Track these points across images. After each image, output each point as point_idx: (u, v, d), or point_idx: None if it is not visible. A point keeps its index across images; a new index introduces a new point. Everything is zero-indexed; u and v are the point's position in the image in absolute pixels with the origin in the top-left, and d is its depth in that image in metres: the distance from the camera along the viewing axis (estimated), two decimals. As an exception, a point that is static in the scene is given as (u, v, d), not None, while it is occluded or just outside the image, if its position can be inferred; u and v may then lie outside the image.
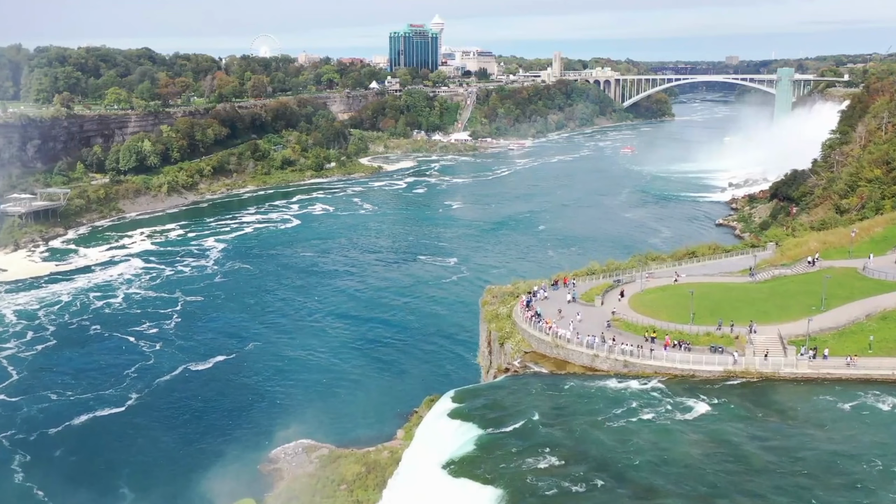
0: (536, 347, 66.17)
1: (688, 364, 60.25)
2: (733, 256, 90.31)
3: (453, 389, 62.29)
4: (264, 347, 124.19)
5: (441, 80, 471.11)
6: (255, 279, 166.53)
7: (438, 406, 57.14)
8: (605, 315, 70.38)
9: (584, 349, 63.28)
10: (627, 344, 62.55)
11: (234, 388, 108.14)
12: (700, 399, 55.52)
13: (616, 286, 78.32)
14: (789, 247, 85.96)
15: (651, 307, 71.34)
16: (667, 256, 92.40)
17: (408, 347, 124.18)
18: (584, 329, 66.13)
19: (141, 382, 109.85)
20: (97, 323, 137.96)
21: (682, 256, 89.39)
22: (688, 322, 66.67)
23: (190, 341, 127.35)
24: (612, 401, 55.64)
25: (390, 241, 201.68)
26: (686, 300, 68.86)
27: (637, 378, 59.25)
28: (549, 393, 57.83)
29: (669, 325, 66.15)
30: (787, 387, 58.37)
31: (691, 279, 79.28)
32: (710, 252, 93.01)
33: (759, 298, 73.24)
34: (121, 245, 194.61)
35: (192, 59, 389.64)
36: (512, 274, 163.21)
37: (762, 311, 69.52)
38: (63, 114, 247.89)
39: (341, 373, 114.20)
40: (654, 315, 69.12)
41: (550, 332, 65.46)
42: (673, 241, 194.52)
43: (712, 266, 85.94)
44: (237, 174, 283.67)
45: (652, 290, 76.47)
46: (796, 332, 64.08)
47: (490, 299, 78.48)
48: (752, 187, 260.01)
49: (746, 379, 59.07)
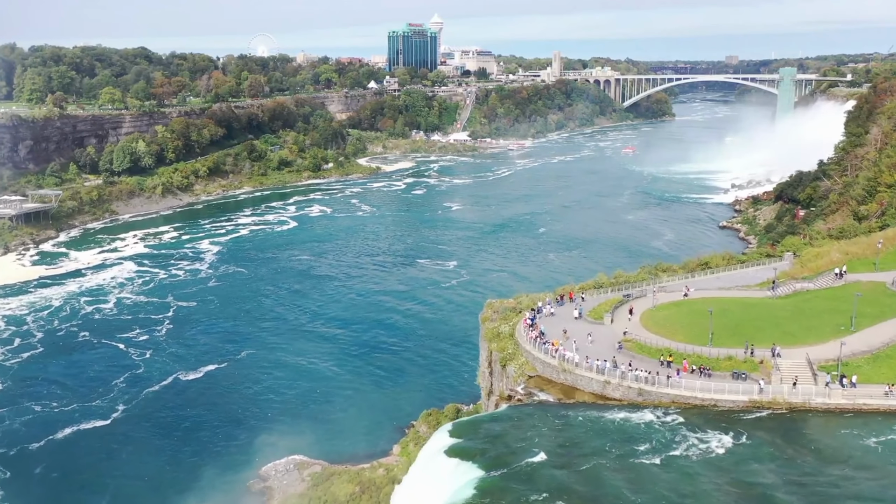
0: (542, 371, 61.17)
1: (709, 393, 55.02)
2: (749, 267, 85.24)
3: (451, 423, 57.33)
4: (257, 355, 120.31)
5: (440, 80, 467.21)
6: (250, 283, 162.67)
7: (435, 441, 52.33)
8: (615, 335, 65.41)
9: (594, 375, 58.18)
10: (641, 369, 57.53)
11: (225, 399, 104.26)
12: (724, 434, 50.44)
13: (626, 301, 73.34)
14: (809, 258, 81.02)
15: (665, 326, 66.40)
16: (678, 267, 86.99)
17: (406, 356, 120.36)
18: (593, 351, 61.30)
19: (129, 393, 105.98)
20: (86, 329, 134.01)
21: (695, 268, 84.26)
22: (706, 343, 61.68)
23: (181, 349, 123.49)
24: (627, 437, 50.62)
25: (388, 244, 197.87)
26: (703, 318, 64.07)
27: (653, 408, 54.03)
28: (557, 426, 52.68)
29: (687, 346, 61.07)
30: (819, 420, 52.97)
31: (706, 293, 74.43)
32: (724, 263, 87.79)
33: (783, 317, 67.89)
34: (113, 248, 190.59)
35: (189, 58, 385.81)
36: (513, 279, 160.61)
37: (787, 331, 64.42)
38: (56, 114, 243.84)
39: (336, 382, 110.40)
40: (669, 335, 64.17)
41: (557, 354, 60.65)
42: (676, 244, 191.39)
43: (727, 278, 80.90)
44: (233, 175, 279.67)
45: (665, 307, 71.43)
46: (826, 355, 58.85)
47: (491, 315, 73.32)
48: (755, 189, 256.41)
49: (773, 410, 53.55)
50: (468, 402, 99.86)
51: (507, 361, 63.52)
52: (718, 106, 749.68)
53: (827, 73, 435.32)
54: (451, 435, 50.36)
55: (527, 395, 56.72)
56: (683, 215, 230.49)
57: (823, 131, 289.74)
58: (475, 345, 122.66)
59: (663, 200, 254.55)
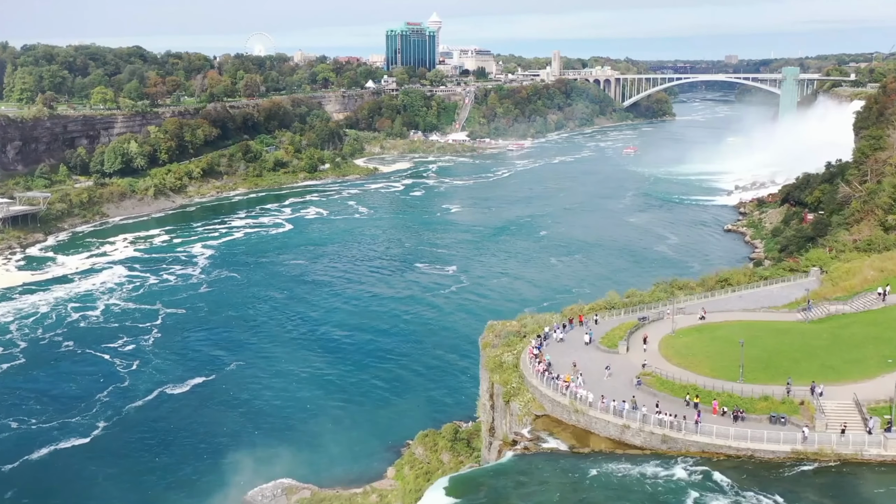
0: (550, 411, 53.95)
1: (745, 441, 47.67)
2: (773, 285, 77.87)
3: (447, 477, 50.06)
4: (246, 367, 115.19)
5: (438, 80, 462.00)
6: (242, 289, 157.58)
7: (429, 500, 46.50)
8: (632, 367, 58.10)
9: (610, 417, 51.01)
10: (666, 413, 50.24)
11: (211, 416, 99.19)
12: (766, 494, 43.29)
13: (642, 325, 66.31)
14: (840, 274, 73.58)
15: (688, 356, 59.10)
16: (696, 284, 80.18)
17: (402, 367, 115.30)
18: (608, 387, 54.38)
19: (111, 408, 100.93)
20: (71, 338, 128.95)
21: (714, 285, 77.26)
22: (737, 379, 54.42)
23: (168, 360, 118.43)
24: (652, 498, 43.68)
25: (386, 248, 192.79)
26: (730, 346, 57.32)
27: (680, 458, 47.07)
28: (570, 484, 45.63)
29: (715, 383, 53.88)
30: (876, 475, 45.36)
31: (729, 315, 67.50)
32: (746, 279, 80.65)
33: (820, 346, 60.06)
34: (102, 252, 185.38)
35: (185, 57, 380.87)
36: (514, 285, 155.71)
37: (827, 364, 56.78)
38: (45, 114, 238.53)
39: (328, 396, 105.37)
40: (693, 367, 57.11)
41: (568, 391, 53.59)
42: (681, 248, 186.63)
43: (751, 297, 73.70)
44: (227, 176, 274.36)
45: (685, 332, 64.24)
46: (876, 395, 50.96)
47: (492, 339, 66.41)
48: (759, 190, 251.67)
49: (820, 462, 46.37)
50: (467, 418, 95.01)
51: (511, 397, 56.79)
52: (719, 105, 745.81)
53: (830, 73, 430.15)
54: (447, 493, 43.82)
55: (534, 440, 49.91)
56: (687, 218, 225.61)
57: (828, 132, 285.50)
58: (474, 356, 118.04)
59: (666, 202, 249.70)
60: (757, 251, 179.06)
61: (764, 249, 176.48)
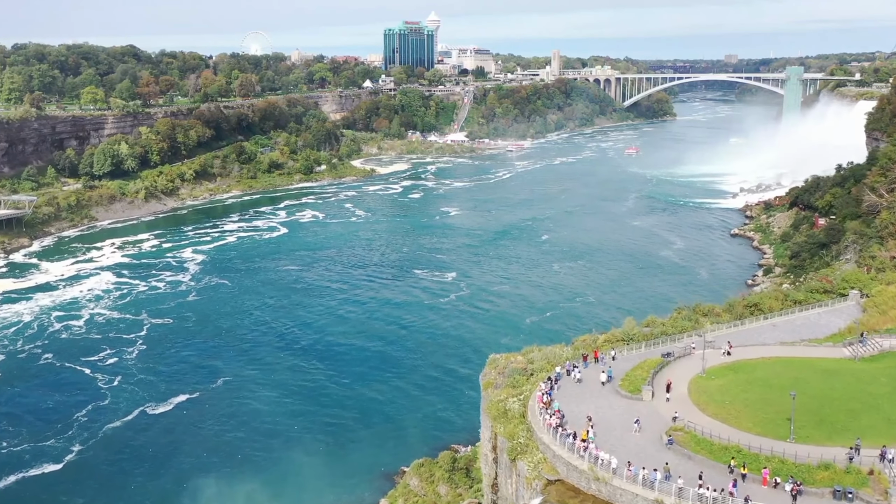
0: (566, 475, 46.09)
1: None
2: (810, 311, 69.51)
3: None
4: (234, 384, 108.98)
5: (437, 79, 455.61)
6: (233, 298, 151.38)
7: None
8: (659, 418, 49.34)
9: (639, 489, 42.92)
10: (708, 487, 41.87)
11: (193, 438, 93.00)
12: None
13: (667, 362, 57.86)
14: (886, 299, 65.03)
15: (724, 404, 50.51)
16: (722, 310, 71.45)
17: (398, 385, 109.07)
18: (632, 446, 46.23)
19: (88, 430, 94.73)
20: (51, 351, 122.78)
21: (743, 311, 69.22)
22: (786, 437, 46.43)
23: (151, 375, 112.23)
24: None
25: (383, 253, 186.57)
26: (771, 391, 49.49)
27: None
28: None
29: (762, 442, 45.46)
30: None
31: (765, 350, 58.56)
32: (778, 305, 71.55)
33: (880, 394, 51.24)
34: (88, 258, 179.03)
35: (179, 56, 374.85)
36: (516, 293, 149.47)
37: (892, 418, 48.11)
38: (33, 114, 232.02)
39: (319, 417, 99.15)
40: (732, 420, 48.99)
41: (586, 453, 45.77)
42: (687, 253, 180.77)
43: (785, 327, 64.89)
44: (221, 178, 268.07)
45: (718, 372, 55.74)
46: None
47: (494, 378, 57.90)
48: (765, 193, 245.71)
49: None
50: (466, 441, 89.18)
51: (519, 455, 48.81)
52: (719, 105, 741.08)
53: (834, 72, 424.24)
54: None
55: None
56: (692, 221, 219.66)
57: (835, 133, 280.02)
58: (474, 369, 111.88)
59: (670, 205, 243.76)
60: (766, 257, 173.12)
61: (773, 255, 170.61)
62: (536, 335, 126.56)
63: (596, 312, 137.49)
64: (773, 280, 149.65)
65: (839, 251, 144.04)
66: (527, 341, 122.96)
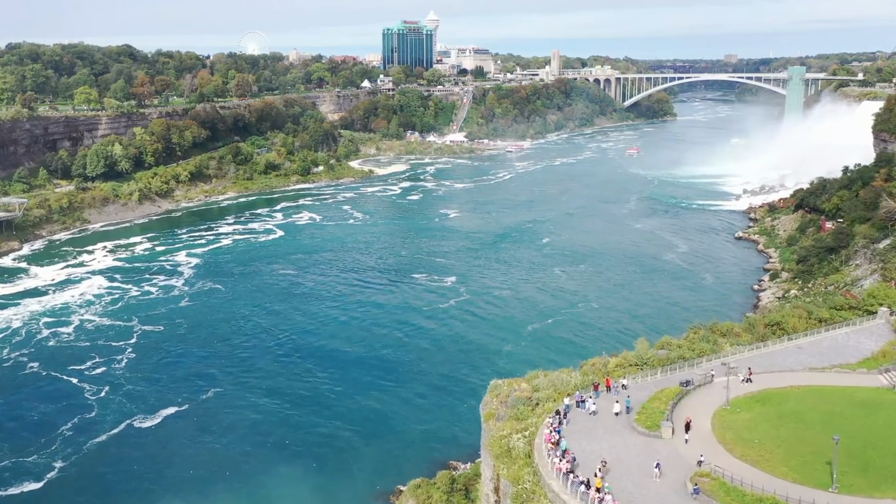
0: None
1: None
2: (837, 330, 63.87)
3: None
4: (224, 395, 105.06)
5: (436, 79, 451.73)
6: (226, 304, 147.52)
7: None
8: (680, 459, 44.40)
9: None
10: None
11: (181, 454, 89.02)
12: None
13: (686, 392, 52.35)
14: None
15: (753, 444, 45.49)
16: (741, 329, 66.24)
17: (396, 396, 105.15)
18: (652, 495, 41.58)
19: (72, 445, 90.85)
20: (38, 359, 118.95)
21: (764, 331, 64.01)
22: (828, 486, 41.55)
23: (139, 386, 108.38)
24: None
25: (382, 257, 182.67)
26: (805, 427, 44.37)
27: None
28: None
29: (801, 492, 40.42)
30: None
31: (792, 377, 52.65)
32: (801, 324, 65.76)
33: None
34: (79, 262, 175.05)
35: (176, 56, 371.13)
36: (517, 299, 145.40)
37: None
38: (24, 115, 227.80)
39: (313, 431, 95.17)
40: (763, 462, 43.97)
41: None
42: (691, 257, 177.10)
43: (812, 349, 59.18)
44: (217, 179, 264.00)
45: (743, 404, 50.20)
46: None
47: (496, 407, 52.45)
48: (769, 195, 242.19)
49: None
50: (465, 457, 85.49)
51: (525, 502, 43.66)
52: (719, 105, 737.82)
53: (836, 72, 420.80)
54: None
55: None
56: (695, 224, 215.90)
57: (839, 134, 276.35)
58: (475, 380, 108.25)
59: (672, 207, 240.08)
60: (772, 261, 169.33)
61: (779, 260, 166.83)
62: (539, 343, 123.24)
63: (600, 319, 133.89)
64: (781, 285, 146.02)
65: (849, 256, 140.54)
66: (529, 349, 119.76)
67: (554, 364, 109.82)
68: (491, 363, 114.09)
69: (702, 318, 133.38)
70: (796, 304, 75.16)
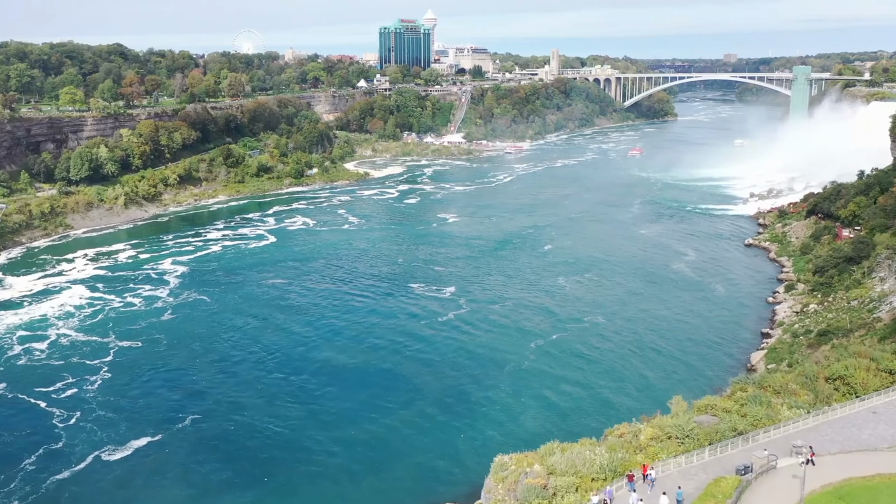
0: None
1: None
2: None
3: None
4: (203, 422, 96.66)
5: (433, 79, 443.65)
6: (211, 316, 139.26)
7: None
8: None
9: None
10: None
11: (149, 493, 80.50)
12: None
13: (747, 484, 41.27)
14: None
15: None
16: (797, 386, 53.21)
17: (389, 427, 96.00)
18: None
19: (32, 482, 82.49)
20: (5, 380, 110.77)
21: (825, 389, 50.93)
22: None
23: (112, 411, 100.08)
24: None
25: (377, 265, 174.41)
26: None
27: None
28: None
29: None
30: None
31: (874, 459, 41.95)
32: (871, 378, 52.77)
33: None
34: (58, 271, 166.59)
35: (168, 55, 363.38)
36: (520, 311, 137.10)
37: None
38: (5, 116, 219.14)
39: (296, 466, 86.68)
40: None
41: None
42: (700, 266, 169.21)
43: (889, 412, 47.49)
44: (207, 183, 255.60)
45: (822, 502, 39.79)
46: None
47: (502, 497, 42.46)
48: (778, 199, 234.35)
49: None
50: (464, 496, 77.47)
51: None
52: (720, 105, 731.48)
53: (842, 72, 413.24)
54: None
55: None
56: (702, 230, 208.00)
57: (847, 135, 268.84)
58: (476, 404, 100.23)
59: (677, 212, 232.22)
60: (785, 271, 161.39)
61: (793, 269, 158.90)
62: (544, 361, 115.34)
63: (608, 334, 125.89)
64: (798, 298, 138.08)
65: (871, 267, 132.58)
66: (533, 369, 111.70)
67: (561, 388, 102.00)
68: (493, 386, 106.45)
69: (716, 336, 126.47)
70: (857, 348, 62.64)
